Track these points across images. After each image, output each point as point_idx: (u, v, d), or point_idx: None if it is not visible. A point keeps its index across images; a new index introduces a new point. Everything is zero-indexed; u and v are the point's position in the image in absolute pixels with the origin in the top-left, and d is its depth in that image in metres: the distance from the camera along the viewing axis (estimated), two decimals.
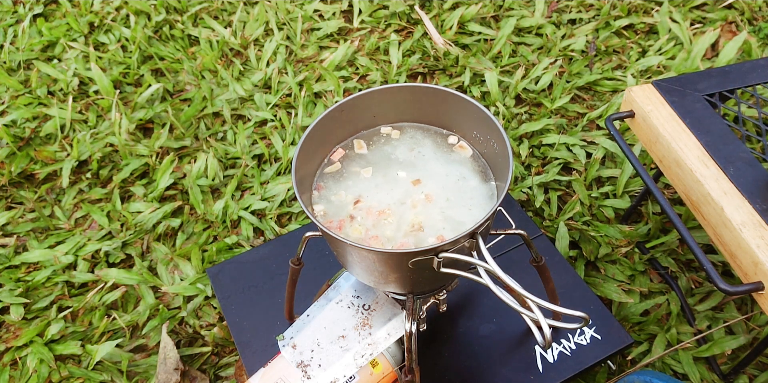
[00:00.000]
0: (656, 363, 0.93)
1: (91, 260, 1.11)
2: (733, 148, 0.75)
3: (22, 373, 0.98)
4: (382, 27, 1.49)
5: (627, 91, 0.84)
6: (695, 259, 1.04)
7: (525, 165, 1.19)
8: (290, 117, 1.31)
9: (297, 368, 0.69)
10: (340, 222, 0.63)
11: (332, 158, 0.69)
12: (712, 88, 0.83)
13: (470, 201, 0.64)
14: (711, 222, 0.72)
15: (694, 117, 0.79)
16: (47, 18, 1.57)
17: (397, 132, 0.70)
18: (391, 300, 0.72)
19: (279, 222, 1.15)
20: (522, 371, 0.85)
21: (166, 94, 1.38)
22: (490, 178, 0.66)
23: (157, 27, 1.51)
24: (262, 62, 1.42)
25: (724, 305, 0.98)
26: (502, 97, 1.31)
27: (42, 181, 1.25)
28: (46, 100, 1.37)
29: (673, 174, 0.78)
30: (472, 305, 0.92)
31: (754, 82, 0.83)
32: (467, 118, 0.66)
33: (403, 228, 0.62)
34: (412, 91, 0.67)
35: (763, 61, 0.86)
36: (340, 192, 0.66)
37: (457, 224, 0.62)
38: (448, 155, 0.68)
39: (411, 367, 0.68)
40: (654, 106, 0.81)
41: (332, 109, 0.65)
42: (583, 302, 0.91)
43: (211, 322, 1.02)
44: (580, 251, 1.05)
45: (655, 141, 0.80)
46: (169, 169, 1.21)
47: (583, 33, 1.41)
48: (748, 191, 0.70)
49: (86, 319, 1.04)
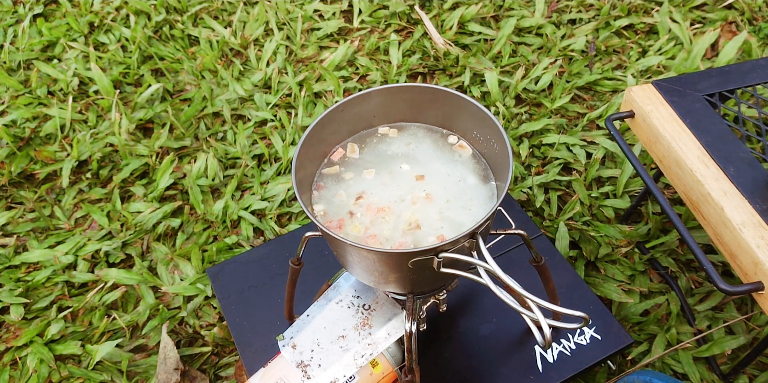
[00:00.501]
0: (656, 363, 0.93)
1: (91, 260, 1.11)
2: (733, 147, 0.75)
3: (22, 373, 0.98)
4: (382, 27, 1.49)
5: (627, 91, 0.84)
6: (695, 259, 1.04)
7: (525, 165, 1.19)
8: (290, 117, 1.31)
9: (297, 368, 0.69)
10: (339, 222, 0.63)
11: (332, 158, 0.69)
12: (712, 88, 0.82)
13: (470, 202, 0.64)
14: (711, 222, 0.72)
15: (694, 117, 0.79)
16: (47, 18, 1.57)
17: (396, 131, 0.70)
18: (391, 300, 0.72)
19: (279, 222, 1.15)
20: (522, 371, 0.85)
21: (166, 94, 1.38)
22: (490, 178, 0.66)
23: (157, 27, 1.51)
24: (262, 62, 1.42)
25: (724, 305, 0.98)
26: (502, 97, 1.31)
27: (42, 181, 1.24)
28: (46, 100, 1.37)
29: (673, 174, 0.78)
30: (472, 305, 0.92)
31: (754, 82, 0.83)
32: (467, 118, 0.66)
33: (400, 227, 0.62)
34: (412, 91, 0.67)
35: (762, 61, 0.86)
36: (340, 192, 0.66)
37: (456, 224, 0.62)
38: (449, 155, 0.68)
39: (411, 367, 0.68)
40: (654, 106, 0.81)
41: (332, 109, 0.65)
42: (583, 302, 0.91)
43: (211, 322, 1.02)
44: (580, 251, 1.05)
45: (656, 141, 0.80)
46: (169, 169, 1.21)
47: (583, 33, 1.41)
48: (748, 191, 0.70)
49: (86, 319, 1.04)
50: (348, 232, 0.63)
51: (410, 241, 0.61)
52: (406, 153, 0.68)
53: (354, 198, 0.65)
